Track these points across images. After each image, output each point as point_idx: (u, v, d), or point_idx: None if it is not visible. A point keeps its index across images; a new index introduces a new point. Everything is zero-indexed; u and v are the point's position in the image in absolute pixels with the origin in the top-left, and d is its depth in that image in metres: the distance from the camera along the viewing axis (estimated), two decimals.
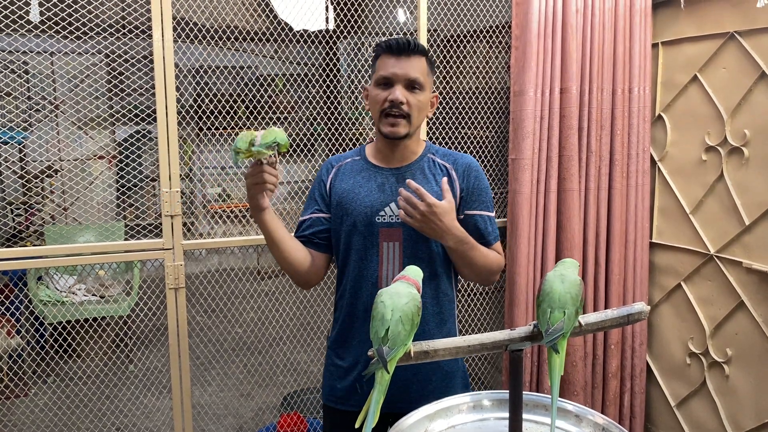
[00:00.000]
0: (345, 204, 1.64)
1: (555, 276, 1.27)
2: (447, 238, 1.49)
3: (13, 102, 2.79)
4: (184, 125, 2.53)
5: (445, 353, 1.25)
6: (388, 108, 1.57)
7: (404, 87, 1.57)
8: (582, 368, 2.76)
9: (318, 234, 1.69)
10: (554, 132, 2.65)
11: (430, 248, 1.62)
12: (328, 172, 1.71)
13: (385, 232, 1.61)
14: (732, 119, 2.48)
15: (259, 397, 3.14)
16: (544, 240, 2.71)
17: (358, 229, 1.63)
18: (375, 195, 1.63)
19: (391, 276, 1.61)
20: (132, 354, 3.75)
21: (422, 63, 1.60)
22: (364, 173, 1.67)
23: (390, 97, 1.56)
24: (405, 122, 1.58)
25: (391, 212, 1.62)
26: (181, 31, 2.32)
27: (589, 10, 2.63)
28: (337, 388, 1.69)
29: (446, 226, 1.47)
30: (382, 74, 1.57)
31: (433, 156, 1.69)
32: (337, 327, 1.71)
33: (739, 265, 2.46)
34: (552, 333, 1.20)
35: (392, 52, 1.56)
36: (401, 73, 1.56)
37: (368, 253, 1.62)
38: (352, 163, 1.71)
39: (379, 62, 1.60)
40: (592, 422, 1.34)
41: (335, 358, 1.71)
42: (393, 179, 1.64)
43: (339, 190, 1.67)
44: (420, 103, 1.60)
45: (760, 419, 2.42)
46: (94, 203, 2.92)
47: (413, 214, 1.44)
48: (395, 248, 1.61)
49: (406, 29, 2.96)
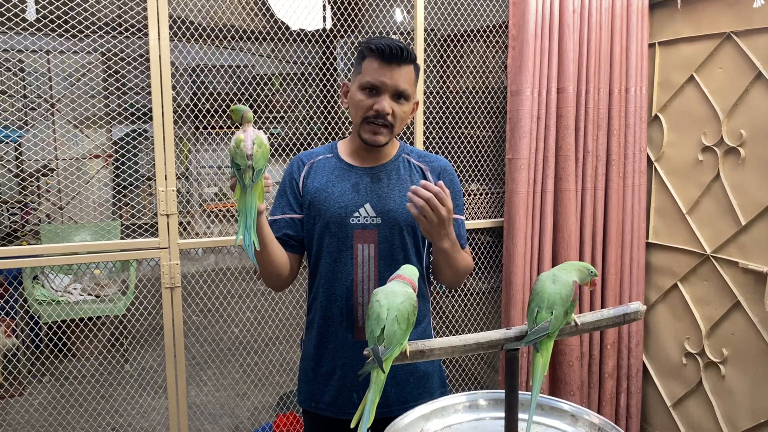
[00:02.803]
0: (317, 204, 1.59)
1: (547, 276, 1.27)
2: (445, 241, 1.46)
3: (8, 100, 2.78)
4: (180, 124, 2.52)
5: (441, 352, 1.24)
6: (373, 116, 1.53)
7: (391, 97, 1.53)
8: (578, 368, 2.76)
9: (292, 236, 1.64)
10: (551, 132, 2.65)
11: (406, 250, 1.60)
12: (300, 169, 1.65)
13: (360, 233, 1.57)
14: (728, 119, 2.49)
15: (255, 397, 3.13)
16: (540, 240, 2.71)
17: (331, 230, 1.58)
18: (349, 195, 1.58)
19: (366, 279, 1.57)
20: (128, 353, 3.74)
21: (411, 72, 1.55)
22: (338, 172, 1.62)
23: (376, 107, 1.51)
24: (387, 131, 1.55)
25: (366, 213, 1.58)
26: (178, 30, 2.31)
27: (586, 10, 2.63)
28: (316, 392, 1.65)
29: (450, 229, 1.45)
30: (369, 80, 1.52)
31: (408, 156, 1.66)
32: (312, 330, 1.66)
33: (735, 265, 2.46)
34: (535, 333, 1.20)
35: (383, 57, 1.50)
36: (390, 83, 1.51)
37: (342, 256, 1.58)
38: (324, 161, 1.65)
39: (367, 64, 1.53)
40: (588, 422, 1.34)
41: (311, 362, 1.66)
42: (367, 179, 1.60)
43: (311, 188, 1.61)
44: (404, 113, 1.57)
45: (756, 419, 2.43)
46: (90, 202, 2.91)
47: (431, 217, 1.38)
48: (370, 250, 1.57)
49: (403, 29, 2.96)
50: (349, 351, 1.60)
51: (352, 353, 1.60)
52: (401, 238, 1.59)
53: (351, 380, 1.60)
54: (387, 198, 1.59)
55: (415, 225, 1.59)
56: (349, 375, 1.60)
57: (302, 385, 1.71)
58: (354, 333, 1.59)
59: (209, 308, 2.67)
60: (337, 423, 1.63)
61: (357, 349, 1.59)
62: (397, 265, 1.51)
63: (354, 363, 1.60)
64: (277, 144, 2.88)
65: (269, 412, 3.15)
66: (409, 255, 1.61)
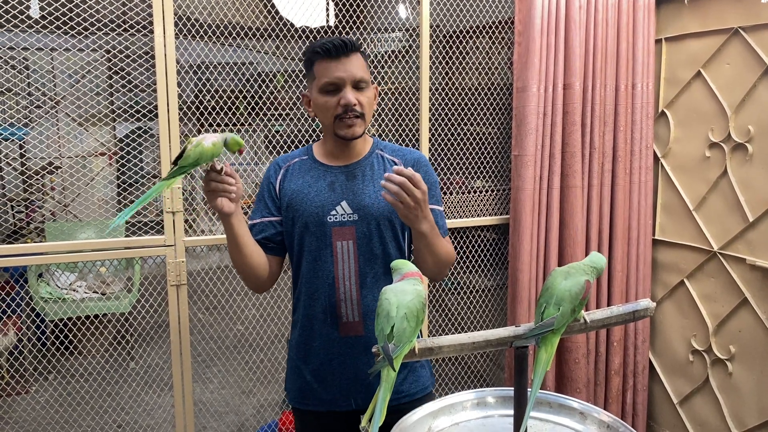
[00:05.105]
0: (295, 205, 1.62)
1: (561, 272, 1.26)
2: (423, 223, 1.46)
3: (13, 98, 2.77)
4: (185, 122, 2.52)
5: (450, 350, 1.24)
6: (342, 112, 1.55)
7: (352, 88, 1.55)
8: (584, 365, 2.75)
9: (271, 238, 1.66)
10: (557, 128, 2.64)
11: (384, 244, 1.61)
12: (276, 172, 1.68)
13: (338, 231, 1.60)
14: (736, 115, 2.47)
15: (261, 395, 3.13)
16: (546, 237, 2.70)
17: (309, 230, 1.61)
18: (325, 194, 1.61)
19: (347, 275, 1.60)
20: (133, 351, 3.75)
21: (360, 59, 1.58)
22: (313, 172, 1.65)
23: (342, 101, 1.54)
24: (360, 121, 1.58)
25: (342, 211, 1.60)
26: (183, 28, 2.31)
27: (592, 6, 2.62)
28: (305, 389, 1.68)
29: (427, 211, 1.46)
30: (326, 80, 1.54)
31: (381, 152, 1.68)
32: (297, 329, 1.69)
33: (743, 261, 2.45)
34: (539, 327, 1.20)
35: (331, 55, 1.53)
36: (346, 75, 1.54)
37: (322, 254, 1.61)
38: (300, 163, 1.68)
39: (318, 68, 1.56)
40: (597, 420, 1.33)
41: (298, 361, 1.69)
42: (343, 177, 1.63)
43: (288, 191, 1.64)
44: (369, 99, 1.59)
45: (763, 416, 2.42)
46: (94, 200, 2.91)
47: (407, 201, 1.39)
48: (349, 247, 1.60)
49: (408, 25, 2.95)
50: (335, 347, 1.62)
51: (338, 349, 1.62)
52: (379, 232, 1.61)
53: (339, 375, 1.63)
54: (362, 194, 1.61)
55: (392, 218, 1.61)
56: (337, 370, 1.63)
57: (290, 384, 1.73)
58: (338, 329, 1.61)
59: (215, 305, 2.67)
60: (330, 416, 1.66)
61: (343, 344, 1.62)
62: (377, 260, 1.54)
63: (341, 358, 1.62)
64: (283, 141, 2.88)
65: (274, 410, 3.15)
66: (388, 249, 1.62)
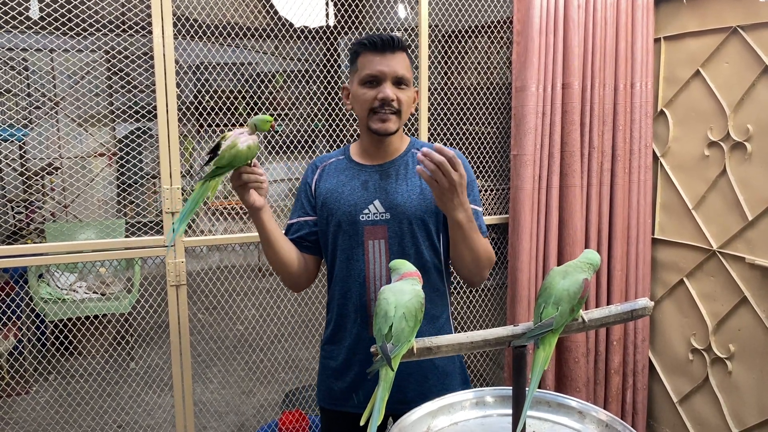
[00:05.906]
0: (329, 204, 1.63)
1: (559, 271, 1.26)
2: (460, 212, 1.43)
3: (13, 99, 2.78)
4: (184, 122, 2.52)
5: (448, 349, 1.24)
6: (378, 106, 1.55)
7: (392, 84, 1.55)
8: (584, 364, 2.75)
9: (306, 237, 1.68)
10: (556, 128, 2.64)
11: (417, 243, 1.60)
12: (313, 173, 1.70)
13: (370, 230, 1.59)
14: (735, 114, 2.47)
15: (261, 395, 3.13)
16: (546, 236, 2.70)
17: (342, 229, 1.61)
18: (358, 193, 1.61)
19: (378, 274, 1.59)
20: (133, 351, 3.75)
21: (405, 59, 1.58)
22: (348, 172, 1.65)
23: (380, 95, 1.54)
24: (396, 118, 1.57)
25: (375, 209, 1.60)
26: (182, 28, 2.31)
27: (591, 5, 2.62)
28: (332, 389, 1.69)
29: (464, 198, 1.43)
30: (368, 72, 1.54)
31: (417, 151, 1.66)
32: (329, 328, 1.70)
33: (742, 260, 2.45)
34: (538, 328, 1.20)
35: (376, 49, 1.53)
36: (389, 70, 1.54)
37: (354, 252, 1.60)
38: (336, 163, 1.69)
39: (362, 60, 1.56)
40: (595, 419, 1.33)
41: (328, 359, 1.70)
42: (377, 176, 1.63)
43: (323, 190, 1.65)
44: (408, 99, 1.59)
45: (763, 415, 2.42)
46: (94, 200, 2.91)
47: (442, 181, 1.36)
48: (381, 246, 1.59)
49: (407, 25, 2.95)
50: (364, 346, 1.62)
51: (367, 349, 1.61)
52: (411, 231, 1.59)
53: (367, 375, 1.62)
54: (395, 193, 1.60)
55: (425, 218, 1.59)
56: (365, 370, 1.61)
57: (320, 382, 1.74)
58: (368, 329, 1.61)
59: (214, 306, 2.68)
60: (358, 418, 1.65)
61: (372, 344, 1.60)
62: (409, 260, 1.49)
63: (370, 358, 1.61)
64: (282, 141, 2.88)
65: (275, 410, 3.15)
66: (421, 249, 1.60)
